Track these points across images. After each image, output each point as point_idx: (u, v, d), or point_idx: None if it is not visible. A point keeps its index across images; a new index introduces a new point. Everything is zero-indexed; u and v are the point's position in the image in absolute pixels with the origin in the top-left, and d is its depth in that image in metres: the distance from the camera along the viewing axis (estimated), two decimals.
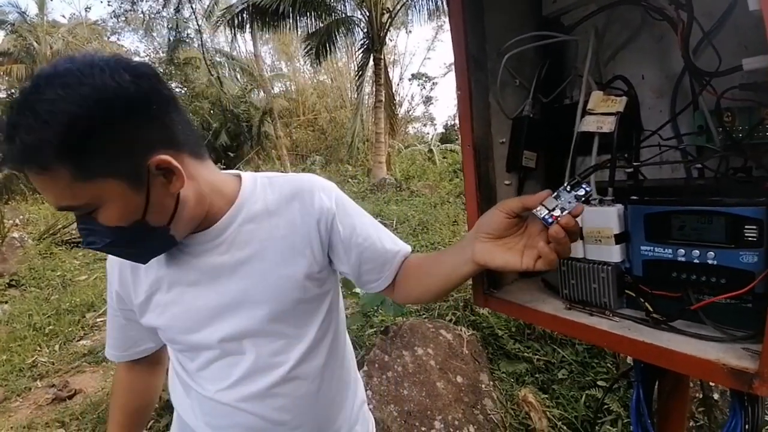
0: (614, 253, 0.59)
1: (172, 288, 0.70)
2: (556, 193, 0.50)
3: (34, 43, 13.97)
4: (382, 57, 10.62)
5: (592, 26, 0.66)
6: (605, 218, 0.58)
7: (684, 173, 0.64)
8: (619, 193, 0.59)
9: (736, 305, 0.50)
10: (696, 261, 0.51)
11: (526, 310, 0.72)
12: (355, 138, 12.98)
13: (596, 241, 0.61)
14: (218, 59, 14.83)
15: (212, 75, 13.20)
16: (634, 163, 0.65)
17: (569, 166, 0.65)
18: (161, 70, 12.92)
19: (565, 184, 0.50)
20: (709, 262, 0.50)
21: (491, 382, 2.25)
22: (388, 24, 10.21)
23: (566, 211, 0.48)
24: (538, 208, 0.50)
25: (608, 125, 0.58)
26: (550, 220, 0.49)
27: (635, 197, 0.56)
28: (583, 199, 0.49)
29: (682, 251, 0.52)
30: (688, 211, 0.51)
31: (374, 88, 10.89)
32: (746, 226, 0.47)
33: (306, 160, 17.13)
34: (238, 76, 15.47)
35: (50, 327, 3.80)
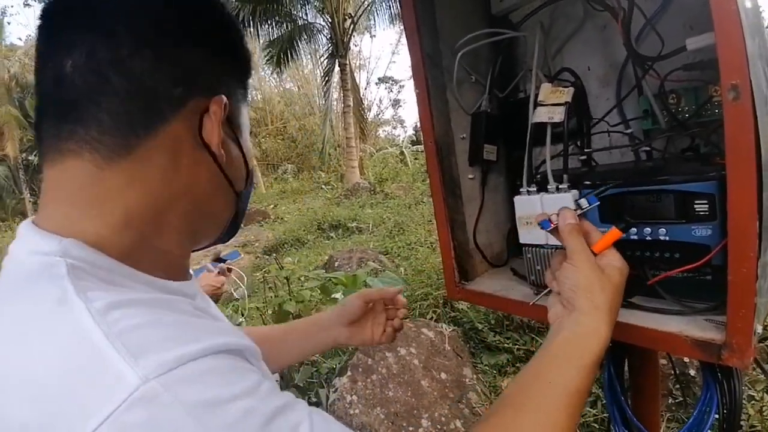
0: None
1: None
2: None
3: None
4: (348, 62, 10.65)
5: (537, 22, 0.69)
6: (562, 204, 0.60)
7: (633, 157, 0.67)
8: (573, 180, 0.61)
9: (695, 279, 0.52)
10: (648, 238, 0.54)
11: (496, 299, 0.74)
12: (325, 144, 12.93)
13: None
14: None
15: None
16: (586, 150, 0.67)
17: (526, 157, 0.66)
18: None
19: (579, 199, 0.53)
20: (661, 238, 0.53)
21: (474, 376, 2.28)
22: (351, 29, 10.24)
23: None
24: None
25: (558, 115, 0.60)
26: (547, 224, 0.51)
27: (588, 182, 0.58)
28: (586, 209, 0.52)
29: (634, 229, 0.55)
30: (636, 191, 0.53)
31: (342, 94, 10.88)
32: (696, 201, 0.50)
33: (277, 170, 16.89)
34: None
35: None
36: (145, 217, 0.37)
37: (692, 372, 1.94)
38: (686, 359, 1.84)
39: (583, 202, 0.52)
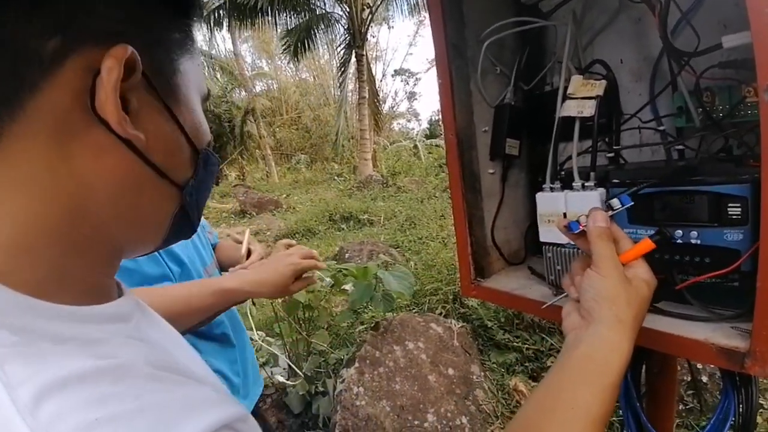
0: None
1: None
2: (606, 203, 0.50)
3: None
4: (365, 53, 10.57)
5: (570, 11, 0.66)
6: (588, 202, 0.58)
7: (664, 155, 0.65)
8: (600, 178, 0.59)
9: (722, 285, 0.50)
10: (679, 241, 0.51)
11: (513, 298, 0.72)
12: (339, 135, 12.91)
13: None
14: None
15: None
16: (614, 147, 0.65)
17: (551, 153, 0.64)
18: None
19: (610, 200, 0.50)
20: (692, 241, 0.50)
21: (482, 373, 2.27)
22: (369, 20, 10.15)
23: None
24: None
25: (588, 109, 0.58)
26: (576, 227, 0.47)
27: (616, 180, 0.56)
28: (618, 209, 0.48)
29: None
30: (669, 192, 0.51)
31: (357, 85, 10.83)
32: (729, 204, 0.47)
33: (291, 159, 16.97)
34: (218, 76, 15.20)
35: None
36: (45, 232, 0.27)
37: (704, 378, 1.89)
38: (699, 365, 1.80)
39: (615, 202, 0.48)
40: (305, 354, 2.11)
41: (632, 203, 0.48)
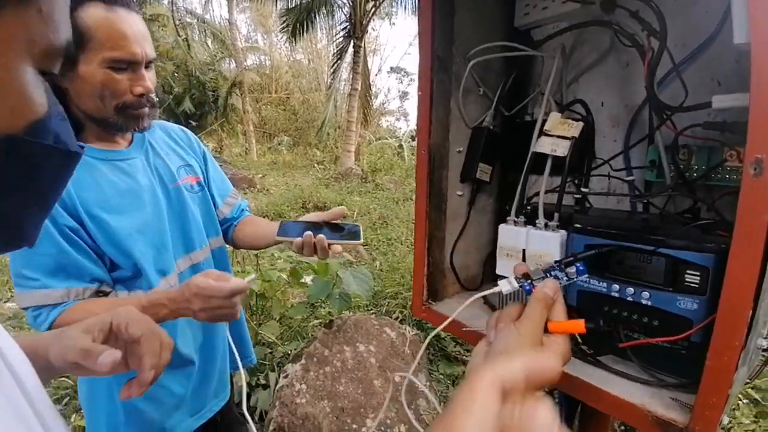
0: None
1: None
2: (545, 267, 0.49)
3: None
4: (363, 45, 10.43)
5: (560, 44, 0.64)
6: (548, 243, 0.57)
7: (629, 206, 0.64)
8: (564, 219, 0.57)
9: (669, 349, 0.49)
10: (629, 299, 0.50)
11: (459, 326, 0.70)
12: (326, 123, 12.71)
13: (537, 265, 0.59)
14: (189, 20, 13.90)
15: (180, 36, 12.36)
16: (582, 190, 0.64)
17: (520, 186, 0.62)
18: None
19: (559, 262, 0.49)
20: (643, 302, 0.49)
21: (428, 383, 2.27)
22: (372, 12, 10.01)
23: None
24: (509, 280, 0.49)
25: (562, 149, 0.56)
26: (528, 289, 0.47)
27: (578, 225, 0.54)
28: (575, 279, 0.49)
29: (616, 287, 0.51)
30: (628, 248, 0.50)
31: (351, 76, 10.68)
32: (688, 271, 0.46)
33: (273, 140, 16.56)
34: (209, 42, 14.60)
35: None
36: None
37: None
38: None
39: (572, 271, 0.48)
40: (253, 342, 2.04)
41: (587, 275, 0.48)
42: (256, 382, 1.92)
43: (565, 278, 0.48)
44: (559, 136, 0.57)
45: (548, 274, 0.48)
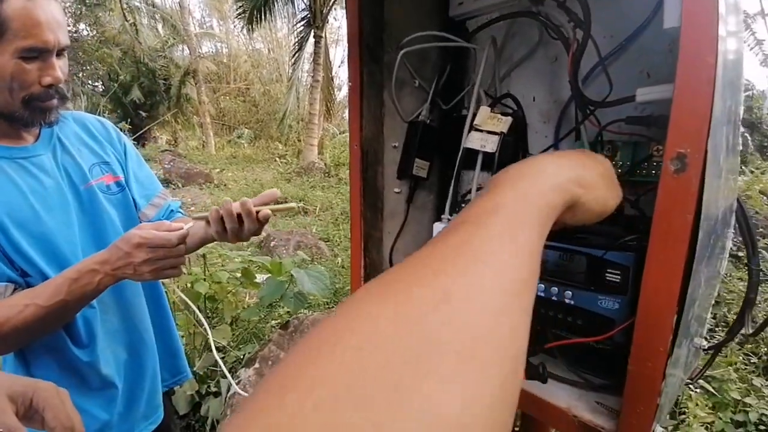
0: None
1: None
2: None
3: None
4: (323, 35, 10.20)
5: (490, 36, 0.62)
6: None
7: None
8: None
9: (594, 348, 0.48)
10: (554, 298, 0.49)
11: None
12: (287, 116, 12.37)
13: None
14: (136, 4, 13.00)
15: (127, 21, 11.53)
16: None
17: (453, 182, 0.60)
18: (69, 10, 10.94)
19: None
20: (566, 301, 0.48)
21: None
22: (332, 1, 9.79)
23: None
24: None
25: (491, 144, 0.54)
26: None
27: None
28: None
29: (542, 286, 0.50)
30: (551, 246, 0.48)
31: (313, 67, 10.43)
32: (609, 270, 0.45)
33: (233, 132, 15.93)
34: (159, 27, 13.74)
35: None
36: None
37: None
38: None
39: None
40: (200, 349, 1.94)
41: None
42: (207, 390, 1.82)
43: None
44: (488, 132, 0.55)
45: None
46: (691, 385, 2.01)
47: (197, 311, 0.93)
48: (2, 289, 0.73)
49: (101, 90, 12.77)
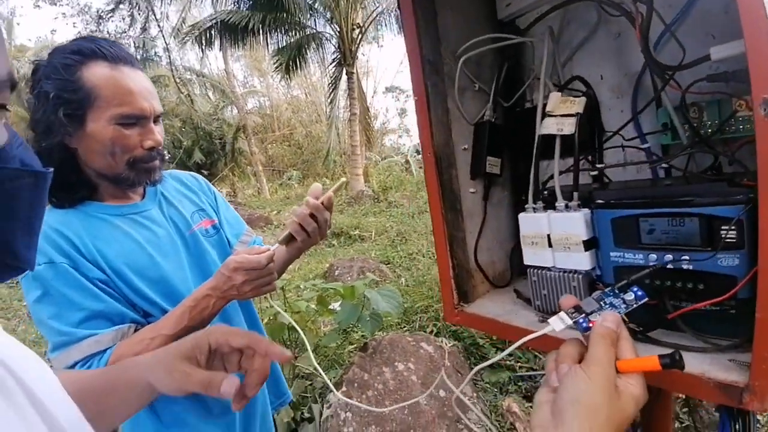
0: (584, 261, 0.55)
1: None
2: (598, 295, 0.44)
3: None
4: (355, 71, 10.70)
5: (546, 27, 0.64)
6: (572, 224, 0.55)
7: (650, 174, 0.62)
8: (584, 198, 0.56)
9: (718, 312, 0.46)
10: (670, 266, 0.48)
11: (498, 325, 0.68)
12: (330, 151, 12.94)
13: (565, 249, 0.57)
14: (188, 77, 14.58)
15: (182, 93, 12.94)
16: (597, 165, 0.62)
17: (533, 172, 0.61)
18: None
19: (612, 287, 0.44)
20: (684, 267, 0.47)
21: (475, 394, 2.20)
22: (359, 39, 10.30)
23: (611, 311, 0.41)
24: (561, 316, 0.42)
25: (568, 127, 0.55)
26: (585, 325, 0.41)
27: (601, 201, 0.53)
28: (633, 305, 0.42)
29: (654, 256, 0.49)
30: (656, 214, 0.48)
31: (348, 102, 10.92)
32: (723, 227, 0.44)
33: (283, 175, 16.94)
34: (210, 94, 15.23)
35: None
36: None
37: None
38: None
39: (629, 296, 0.42)
40: (291, 378, 2.02)
41: (647, 298, 0.42)
42: (301, 417, 1.89)
43: (623, 306, 0.42)
44: (563, 115, 0.56)
45: (602, 304, 0.42)
46: None
47: (302, 333, 0.98)
48: (126, 329, 0.82)
49: (168, 158, 14.29)
